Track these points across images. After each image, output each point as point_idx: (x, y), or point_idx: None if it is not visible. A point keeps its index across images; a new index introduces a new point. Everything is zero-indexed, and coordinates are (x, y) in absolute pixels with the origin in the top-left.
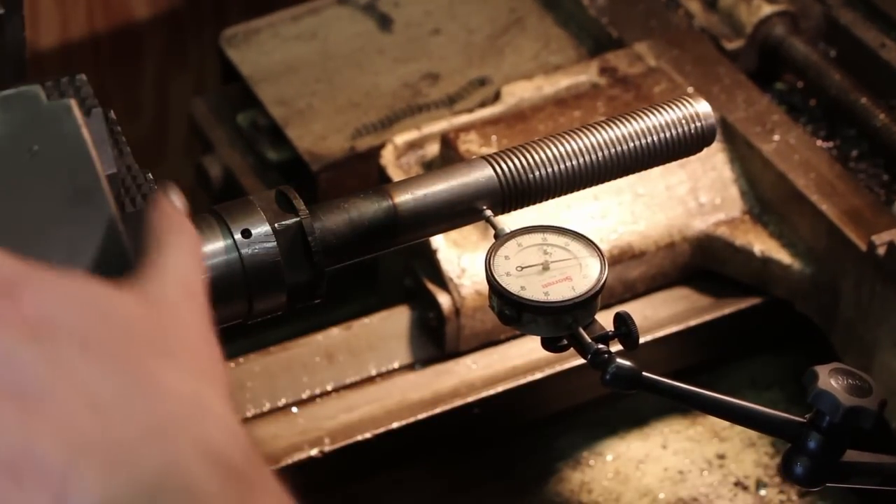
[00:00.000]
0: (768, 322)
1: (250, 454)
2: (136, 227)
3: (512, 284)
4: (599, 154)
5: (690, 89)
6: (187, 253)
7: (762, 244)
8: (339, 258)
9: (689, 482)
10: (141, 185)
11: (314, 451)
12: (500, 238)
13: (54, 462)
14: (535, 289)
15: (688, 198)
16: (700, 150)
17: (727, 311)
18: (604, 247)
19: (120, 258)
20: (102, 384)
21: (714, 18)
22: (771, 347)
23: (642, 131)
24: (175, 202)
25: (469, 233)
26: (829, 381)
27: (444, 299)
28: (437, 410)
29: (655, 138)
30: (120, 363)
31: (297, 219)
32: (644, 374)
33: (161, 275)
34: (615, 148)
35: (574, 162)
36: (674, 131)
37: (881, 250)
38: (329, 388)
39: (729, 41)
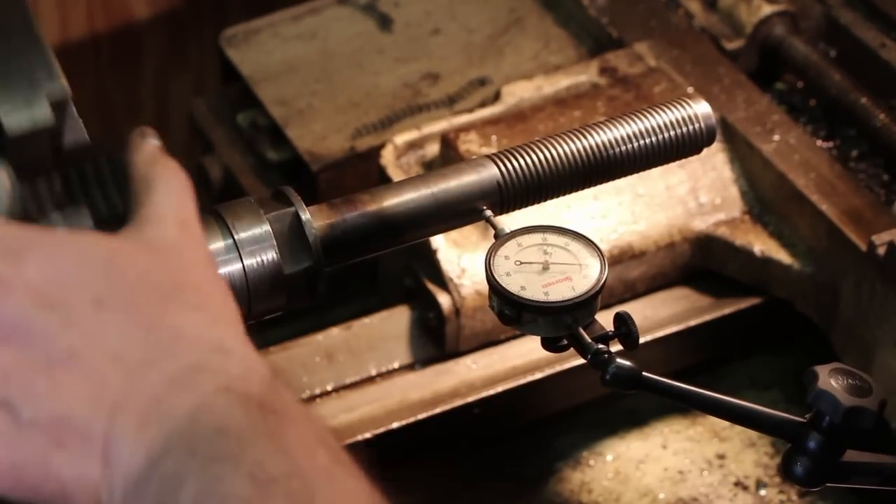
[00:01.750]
0: (768, 322)
1: (274, 386)
2: (122, 173)
3: (512, 284)
4: (600, 154)
5: (690, 89)
6: (176, 189)
7: (762, 244)
8: (340, 259)
9: (689, 482)
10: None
11: None
12: (500, 238)
13: (94, 424)
14: (535, 289)
15: (688, 198)
16: (700, 150)
17: (727, 311)
18: (604, 247)
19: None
20: (124, 340)
21: (714, 18)
22: (771, 347)
23: (642, 132)
24: (152, 142)
25: (469, 233)
26: (829, 381)
27: (444, 299)
28: (437, 410)
29: (655, 139)
30: (137, 316)
31: (292, 208)
32: (644, 374)
33: (156, 216)
34: (615, 148)
35: (574, 162)
36: (674, 132)
37: (881, 250)
38: (329, 388)
39: (729, 41)
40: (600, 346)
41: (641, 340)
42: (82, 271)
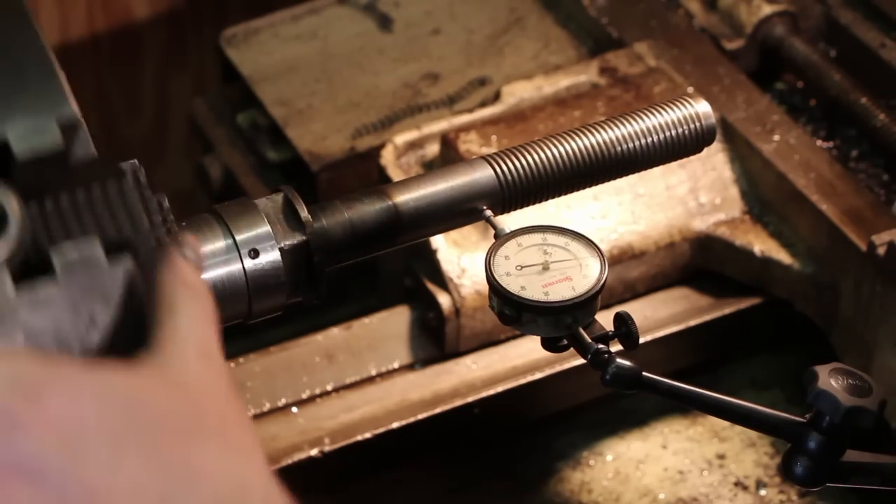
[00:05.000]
0: (768, 322)
1: None
2: (149, 288)
3: (512, 284)
4: (599, 154)
5: (690, 89)
6: (199, 316)
7: (762, 244)
8: (340, 258)
9: (689, 482)
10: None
11: (314, 451)
12: (500, 238)
13: None
14: (535, 289)
15: (688, 198)
16: (700, 150)
17: (727, 311)
18: (604, 247)
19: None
20: (142, 479)
21: (714, 18)
22: (771, 347)
23: (642, 131)
24: (189, 255)
25: (469, 233)
26: (829, 381)
27: (444, 299)
28: (437, 410)
29: (655, 138)
30: (156, 455)
31: (305, 238)
32: (644, 374)
33: (177, 344)
34: (615, 148)
35: (574, 162)
36: (674, 131)
37: (881, 250)
38: (329, 388)
39: (729, 41)
40: (600, 346)
41: (641, 340)
42: (102, 409)
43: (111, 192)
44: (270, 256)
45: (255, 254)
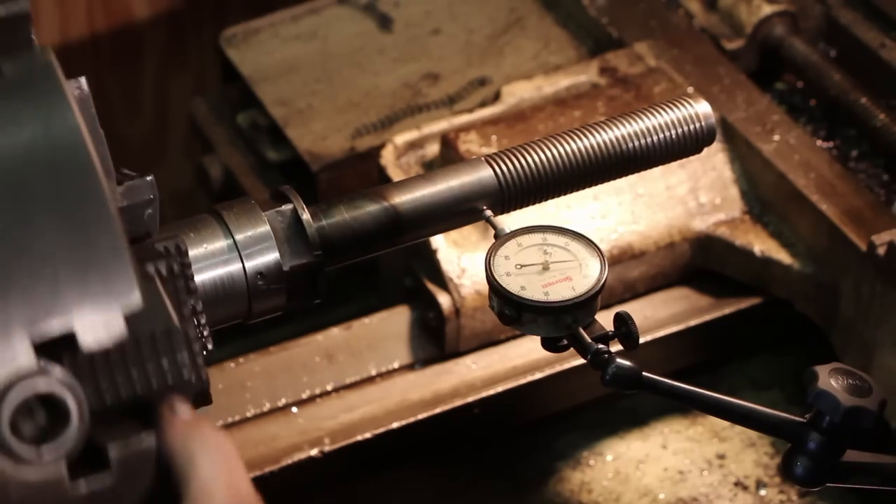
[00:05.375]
0: (768, 322)
1: None
2: (165, 450)
3: (512, 284)
4: (599, 154)
5: (690, 89)
6: (218, 456)
7: (762, 244)
8: (340, 259)
9: (689, 482)
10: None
11: (314, 451)
12: (500, 238)
13: None
14: (535, 289)
15: (688, 198)
16: (700, 150)
17: (727, 311)
18: (604, 247)
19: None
20: None
21: (714, 18)
22: (771, 347)
23: (642, 131)
24: (182, 412)
25: (469, 233)
26: (829, 381)
27: (444, 299)
28: (437, 410)
29: (655, 138)
30: None
31: (291, 205)
32: (644, 374)
33: (205, 491)
34: (615, 148)
35: (574, 162)
36: (674, 131)
37: (881, 250)
38: (329, 388)
39: (729, 41)
40: (600, 346)
41: (641, 340)
42: None
43: (162, 350)
44: (270, 257)
45: (261, 277)
